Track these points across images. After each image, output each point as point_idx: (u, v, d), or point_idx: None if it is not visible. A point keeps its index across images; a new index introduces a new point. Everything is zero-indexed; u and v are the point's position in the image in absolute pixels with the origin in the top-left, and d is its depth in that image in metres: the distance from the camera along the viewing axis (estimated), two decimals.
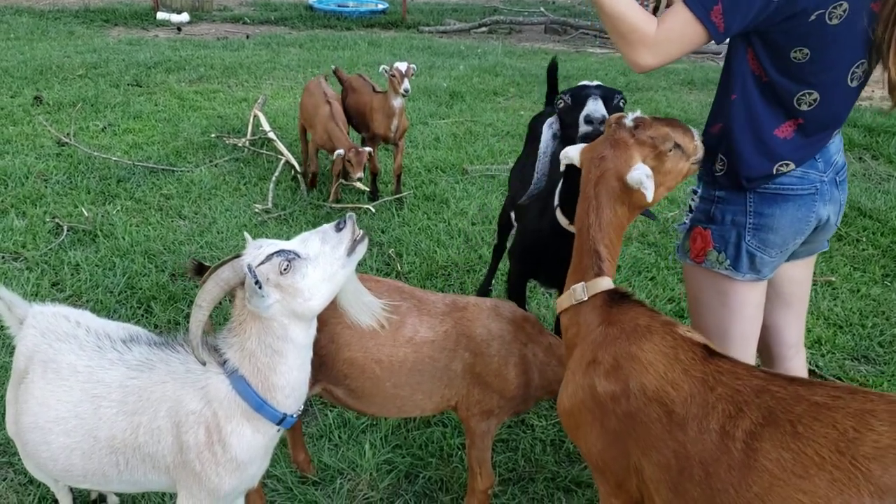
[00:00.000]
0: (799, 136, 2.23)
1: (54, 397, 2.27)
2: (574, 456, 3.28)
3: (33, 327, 2.41)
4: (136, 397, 2.23)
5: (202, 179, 6.36)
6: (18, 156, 6.75)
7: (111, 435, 2.24)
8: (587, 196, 2.21)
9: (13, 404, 2.41)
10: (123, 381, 2.25)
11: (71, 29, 14.65)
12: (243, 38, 14.68)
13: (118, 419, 2.24)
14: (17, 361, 2.39)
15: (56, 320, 2.41)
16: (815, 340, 4.23)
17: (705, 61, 13.82)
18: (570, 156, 2.33)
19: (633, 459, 1.97)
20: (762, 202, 2.29)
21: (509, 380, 2.65)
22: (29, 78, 9.90)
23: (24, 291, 4.36)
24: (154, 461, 2.26)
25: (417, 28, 17.24)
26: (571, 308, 2.22)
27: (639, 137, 2.18)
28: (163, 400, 2.21)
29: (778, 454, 1.66)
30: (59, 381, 2.28)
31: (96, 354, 2.31)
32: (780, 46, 2.12)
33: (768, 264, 2.36)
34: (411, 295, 2.70)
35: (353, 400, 2.68)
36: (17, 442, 2.44)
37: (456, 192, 6.31)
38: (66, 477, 2.38)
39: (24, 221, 5.36)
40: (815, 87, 2.16)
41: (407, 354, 2.58)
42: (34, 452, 2.33)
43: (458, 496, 3.03)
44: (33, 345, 2.36)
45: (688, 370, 1.90)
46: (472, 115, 8.96)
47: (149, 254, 4.96)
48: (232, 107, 8.92)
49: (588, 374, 2.07)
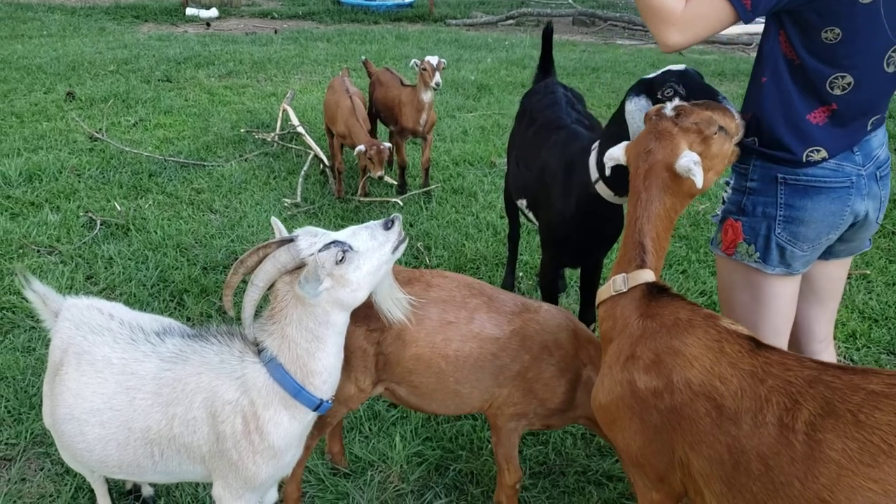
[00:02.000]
0: (832, 124, 2.18)
1: (89, 389, 2.30)
2: (605, 450, 3.26)
3: (68, 320, 2.44)
4: (170, 388, 2.26)
5: (232, 174, 6.41)
6: (52, 151, 6.85)
7: (146, 426, 2.27)
8: (636, 190, 2.19)
9: (49, 396, 2.45)
10: (158, 373, 2.29)
11: (102, 25, 14.83)
12: (271, 33, 14.76)
13: (153, 410, 2.27)
14: (53, 354, 2.43)
15: (90, 312, 2.44)
16: (850, 334, 4.17)
17: (735, 52, 13.66)
18: (615, 156, 2.32)
19: (678, 454, 1.95)
20: (794, 194, 2.24)
21: (557, 393, 2.63)
22: (61, 74, 10.03)
23: (59, 284, 4.43)
24: (189, 451, 2.29)
25: (444, 21, 17.21)
26: (609, 299, 2.20)
27: (682, 125, 2.16)
28: (198, 391, 2.25)
29: (843, 444, 1.64)
30: (94, 373, 2.32)
31: (130, 346, 2.35)
32: (812, 26, 2.08)
33: (799, 258, 2.31)
34: (481, 291, 2.69)
35: (415, 397, 2.67)
36: (54, 433, 2.48)
37: (484, 186, 6.30)
38: (101, 467, 2.41)
39: (57, 216, 5.44)
40: (849, 70, 2.11)
41: (472, 350, 2.57)
42: (70, 443, 2.37)
43: (488, 489, 3.04)
44: (68, 337, 2.39)
45: (735, 363, 1.88)
46: (499, 107, 8.93)
47: (181, 247, 5.01)
48: (261, 101, 8.98)
49: (626, 368, 2.05)
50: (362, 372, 2.62)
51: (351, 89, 6.11)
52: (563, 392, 2.63)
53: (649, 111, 2.28)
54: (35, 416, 3.33)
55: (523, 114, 4.13)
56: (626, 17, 16.41)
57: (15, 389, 3.52)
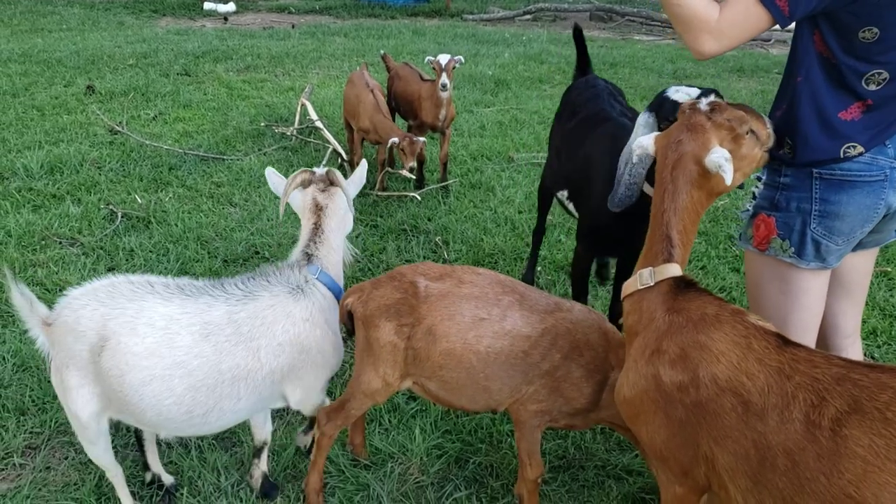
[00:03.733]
0: (867, 119, 2.18)
1: (163, 346, 2.39)
2: (624, 444, 3.26)
3: (85, 305, 2.45)
4: (249, 325, 2.54)
5: (251, 167, 6.44)
6: (73, 144, 6.90)
7: (234, 364, 2.51)
8: (663, 181, 2.17)
9: (90, 383, 2.47)
10: (231, 316, 2.54)
11: (121, 19, 14.91)
12: (289, 27, 14.80)
13: (237, 349, 2.51)
14: (82, 340, 2.43)
15: (113, 287, 2.49)
16: (871, 331, 4.15)
17: (755, 48, 13.57)
18: (644, 145, 2.30)
19: (703, 449, 1.96)
20: (829, 188, 2.24)
21: (584, 393, 2.63)
22: (81, 68, 10.11)
23: (81, 276, 4.47)
24: (274, 376, 2.61)
25: (461, 16, 17.20)
26: (636, 293, 2.19)
27: (715, 120, 2.15)
28: (276, 321, 2.59)
29: (870, 440, 1.65)
30: (160, 332, 2.41)
31: (188, 300, 2.53)
32: (848, 27, 2.08)
33: (834, 252, 2.31)
34: (513, 289, 2.69)
35: (444, 392, 2.68)
36: (121, 406, 2.48)
37: (502, 180, 6.30)
38: (185, 421, 2.53)
39: (79, 208, 5.49)
40: (885, 66, 2.11)
41: (504, 347, 2.58)
42: (155, 403, 2.44)
43: (508, 482, 3.04)
44: (100, 315, 2.41)
45: (762, 360, 1.88)
46: (517, 102, 8.92)
47: (201, 240, 5.04)
48: (279, 96, 9.01)
49: (652, 363, 2.05)
50: (391, 366, 2.63)
51: (371, 83, 6.11)
52: (589, 392, 2.63)
53: (683, 104, 2.26)
54: (58, 406, 3.36)
55: (564, 107, 4.18)
56: (643, 12, 16.34)
57: (39, 379, 3.56)
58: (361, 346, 2.71)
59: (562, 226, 5.43)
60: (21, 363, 3.67)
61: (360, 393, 2.72)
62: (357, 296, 2.72)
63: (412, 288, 2.63)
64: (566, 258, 4.88)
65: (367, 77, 6.23)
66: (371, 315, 2.64)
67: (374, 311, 2.64)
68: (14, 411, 3.36)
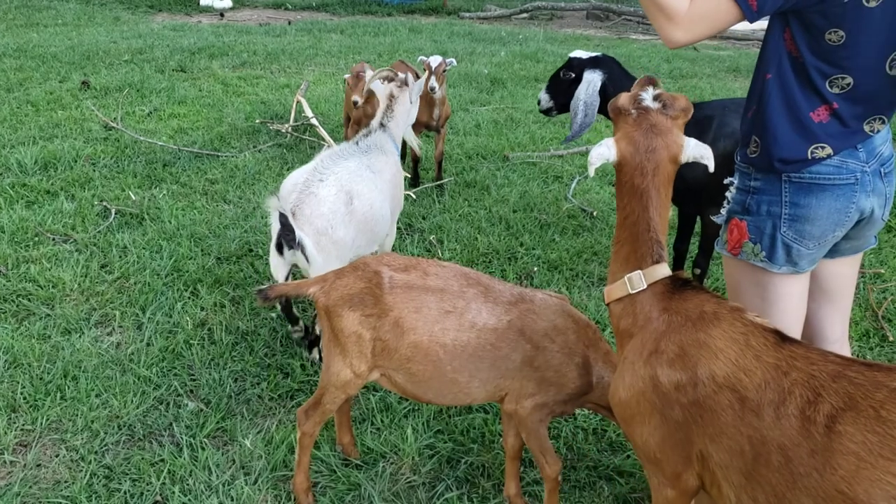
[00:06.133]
0: (835, 123, 2.17)
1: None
2: (616, 445, 3.27)
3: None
4: (376, 168, 4.04)
5: (246, 164, 6.43)
6: (67, 139, 6.89)
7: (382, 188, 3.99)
8: (643, 189, 2.13)
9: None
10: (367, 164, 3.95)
11: (117, 15, 14.88)
12: (285, 24, 14.78)
13: (376, 182, 3.93)
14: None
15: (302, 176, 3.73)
16: (864, 333, 4.16)
17: (751, 48, 13.59)
18: (605, 155, 2.17)
19: (697, 447, 1.96)
20: (798, 192, 2.23)
21: (570, 377, 2.64)
22: (76, 63, 10.08)
23: (75, 272, 4.46)
24: (390, 197, 4.05)
25: (458, 14, 17.20)
26: (626, 297, 2.19)
27: (672, 115, 2.15)
28: (385, 167, 4.07)
29: (863, 437, 1.66)
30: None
31: (354, 158, 3.94)
32: (816, 28, 2.08)
33: (806, 256, 2.30)
34: (478, 281, 2.70)
35: (411, 385, 2.69)
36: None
37: (497, 179, 6.30)
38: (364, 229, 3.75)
39: (73, 204, 5.47)
40: (849, 72, 2.11)
41: (470, 339, 2.59)
42: (349, 220, 3.62)
43: (499, 482, 3.04)
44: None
45: (760, 356, 1.89)
46: (513, 101, 8.93)
47: (195, 237, 5.03)
48: (275, 92, 9.00)
49: (649, 363, 2.05)
50: (357, 357, 2.63)
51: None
52: (575, 376, 2.64)
53: (624, 104, 2.19)
54: (50, 403, 3.36)
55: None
56: (640, 11, 16.35)
57: (31, 376, 3.55)
58: (328, 336, 2.71)
59: (556, 225, 5.43)
60: (13, 360, 3.66)
61: (331, 385, 2.72)
62: (319, 286, 2.70)
63: (376, 278, 2.62)
64: (560, 258, 4.88)
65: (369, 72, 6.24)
66: (334, 304, 2.63)
67: (337, 301, 2.63)
68: (5, 408, 3.35)
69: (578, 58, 4.37)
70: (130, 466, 3.05)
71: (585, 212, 5.67)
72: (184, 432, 3.25)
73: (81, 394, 3.44)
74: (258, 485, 2.98)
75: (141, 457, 3.09)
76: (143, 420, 3.34)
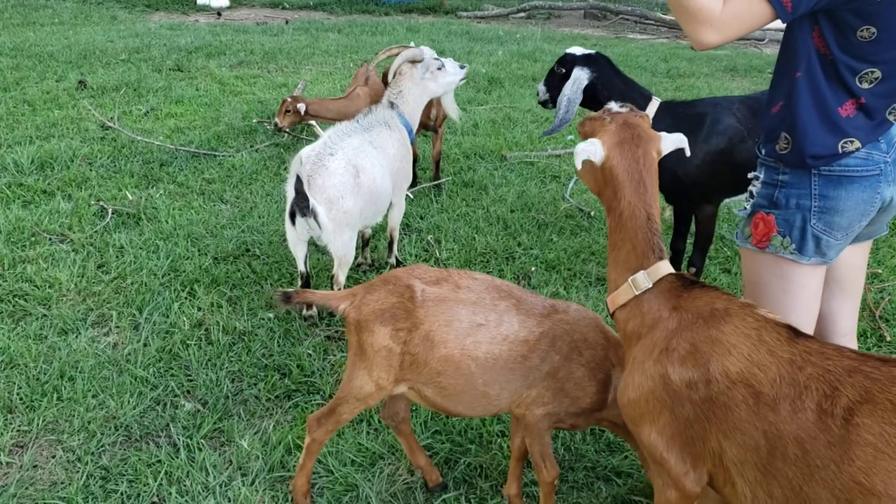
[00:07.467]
0: (861, 116, 2.22)
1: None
2: (614, 445, 3.26)
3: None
4: (379, 143, 4.36)
5: (243, 164, 6.42)
6: (64, 139, 6.87)
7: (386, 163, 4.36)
8: (643, 188, 2.21)
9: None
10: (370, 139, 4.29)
11: (113, 14, 14.86)
12: (282, 23, 14.77)
13: (380, 156, 4.28)
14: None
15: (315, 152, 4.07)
16: (861, 333, 4.16)
17: (748, 48, 13.60)
18: (591, 152, 2.27)
19: (710, 444, 1.97)
20: (827, 185, 2.27)
21: (588, 392, 2.62)
22: (73, 62, 10.06)
23: (71, 272, 4.45)
24: (395, 171, 4.43)
25: (455, 13, 17.19)
26: (631, 300, 2.20)
27: (644, 119, 2.31)
28: (388, 142, 4.40)
29: (881, 429, 1.67)
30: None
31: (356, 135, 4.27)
32: (848, 25, 2.11)
33: (834, 247, 2.35)
34: (509, 294, 2.68)
35: (441, 399, 2.66)
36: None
37: (495, 179, 6.29)
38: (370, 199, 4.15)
39: (69, 204, 5.46)
40: (879, 66, 2.15)
41: (502, 352, 2.57)
42: (357, 191, 4.01)
43: (497, 483, 3.04)
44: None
45: (774, 351, 1.90)
46: (510, 101, 8.92)
47: (192, 237, 5.02)
48: (272, 92, 8.98)
49: (660, 362, 2.05)
50: (385, 370, 2.61)
51: (373, 78, 6.15)
52: (594, 391, 2.62)
53: (595, 115, 2.41)
54: (47, 403, 3.35)
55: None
56: (637, 10, 16.36)
57: (27, 377, 3.54)
58: (354, 350, 2.68)
59: (553, 225, 5.43)
60: (9, 360, 3.65)
61: (351, 397, 2.70)
62: (349, 300, 2.68)
63: (408, 292, 2.60)
64: (558, 257, 4.88)
65: (373, 75, 6.29)
66: (365, 319, 2.61)
67: (369, 316, 2.61)
68: (1, 409, 3.34)
69: (572, 54, 4.44)
70: (127, 467, 3.04)
71: (583, 211, 5.67)
72: (181, 433, 3.24)
73: (78, 394, 3.43)
74: (255, 486, 2.98)
75: (138, 458, 3.08)
76: (140, 421, 3.33)
